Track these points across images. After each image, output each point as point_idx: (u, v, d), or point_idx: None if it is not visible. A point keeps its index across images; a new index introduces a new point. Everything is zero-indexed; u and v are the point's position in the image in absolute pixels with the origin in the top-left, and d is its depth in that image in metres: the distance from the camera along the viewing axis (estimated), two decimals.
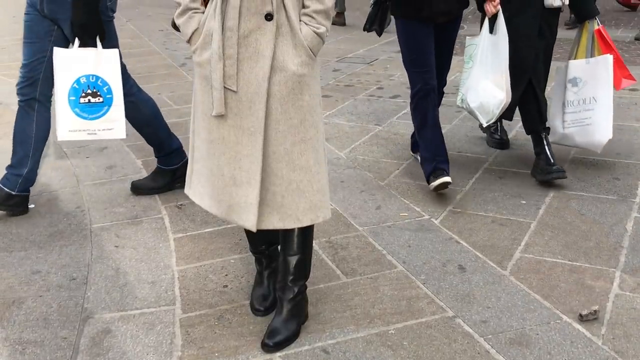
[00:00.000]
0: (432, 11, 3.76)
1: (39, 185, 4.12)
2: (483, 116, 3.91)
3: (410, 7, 3.76)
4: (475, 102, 3.91)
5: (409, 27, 3.85)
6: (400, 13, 3.86)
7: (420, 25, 3.81)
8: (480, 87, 3.87)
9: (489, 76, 3.84)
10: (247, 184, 2.54)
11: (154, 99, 4.15)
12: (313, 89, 2.57)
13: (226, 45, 2.49)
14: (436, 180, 3.81)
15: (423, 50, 3.85)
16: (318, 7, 2.51)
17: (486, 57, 3.86)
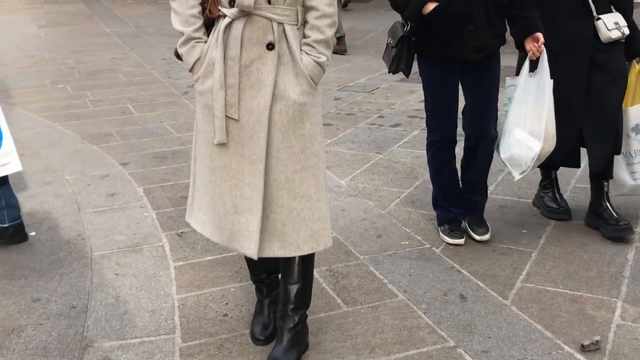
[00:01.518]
0: (462, 47, 3.39)
1: (40, 213, 4.13)
2: (515, 169, 3.51)
3: (437, 43, 3.42)
4: (507, 153, 3.52)
5: (435, 68, 3.54)
6: (424, 51, 3.52)
7: (447, 66, 3.49)
8: (514, 135, 3.48)
9: (526, 123, 3.44)
10: (249, 212, 2.55)
11: (156, 127, 4.16)
12: (314, 118, 2.59)
13: (228, 75, 2.51)
14: (451, 239, 3.69)
15: (447, 96, 3.57)
16: (319, 36, 2.54)
17: (525, 100, 3.47)
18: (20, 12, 12.01)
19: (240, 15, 2.48)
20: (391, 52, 3.61)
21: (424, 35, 3.44)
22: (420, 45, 3.51)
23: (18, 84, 7.26)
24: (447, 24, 3.34)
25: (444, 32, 3.38)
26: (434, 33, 3.40)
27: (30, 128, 5.74)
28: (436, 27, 3.37)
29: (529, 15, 3.41)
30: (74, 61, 8.24)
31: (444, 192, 3.77)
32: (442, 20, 3.34)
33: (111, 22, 10.80)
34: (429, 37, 3.42)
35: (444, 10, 3.32)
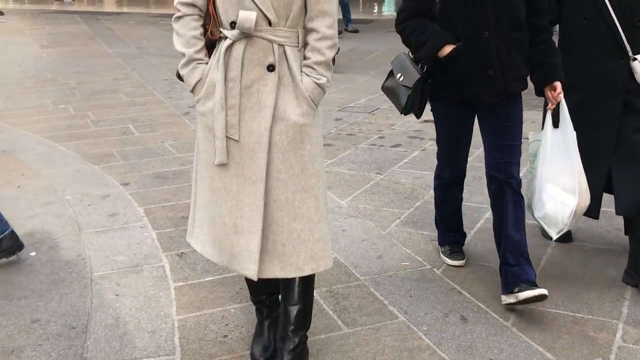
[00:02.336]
0: (479, 91, 3.20)
1: (41, 233, 4.12)
2: (551, 228, 3.27)
3: (453, 86, 3.23)
4: (541, 212, 3.29)
5: (449, 109, 3.36)
6: (439, 93, 3.31)
7: (463, 107, 3.33)
8: (546, 193, 3.26)
9: (557, 178, 3.23)
10: (249, 233, 2.55)
11: (157, 147, 4.17)
12: (314, 139, 2.60)
13: (229, 96, 2.52)
14: (451, 261, 3.67)
15: (460, 136, 3.43)
16: (319, 58, 2.55)
17: (552, 155, 3.26)
18: (22, 33, 12.08)
19: (241, 37, 2.49)
20: (399, 91, 3.37)
21: (439, 77, 3.24)
22: (434, 86, 3.30)
23: (20, 104, 7.29)
24: (464, 69, 3.15)
25: (460, 77, 3.19)
26: (450, 76, 3.20)
27: (31, 148, 5.76)
28: (452, 71, 3.18)
29: (551, 62, 3.22)
30: (76, 82, 8.28)
31: (445, 220, 3.73)
32: (459, 65, 3.14)
33: (113, 43, 10.86)
34: (444, 79, 3.23)
35: (461, 53, 3.12)
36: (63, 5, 15.52)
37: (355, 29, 11.41)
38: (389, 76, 3.47)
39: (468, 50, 3.11)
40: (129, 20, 13.43)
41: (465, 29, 3.12)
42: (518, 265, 3.22)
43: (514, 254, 3.24)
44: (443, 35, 3.14)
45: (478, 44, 3.11)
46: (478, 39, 3.10)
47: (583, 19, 3.42)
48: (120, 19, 13.73)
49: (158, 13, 14.25)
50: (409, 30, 3.24)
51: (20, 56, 9.94)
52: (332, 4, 2.54)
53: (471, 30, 3.11)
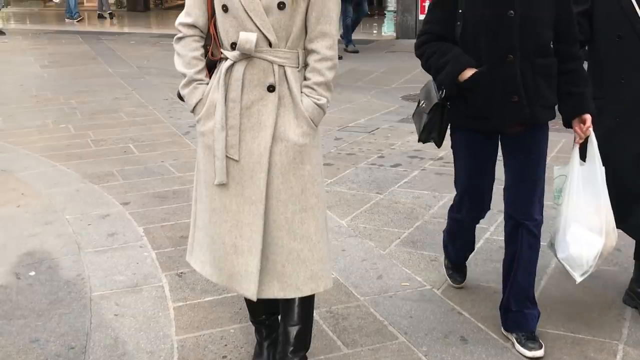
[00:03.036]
0: (503, 120, 2.96)
1: (40, 253, 4.12)
2: (575, 270, 3.05)
3: (474, 114, 2.98)
4: (564, 252, 3.07)
5: (469, 141, 3.09)
6: (460, 121, 3.08)
7: (485, 139, 3.07)
8: (570, 233, 3.04)
9: (583, 217, 3.03)
10: (248, 253, 2.55)
11: (157, 166, 4.18)
12: (314, 159, 2.61)
13: (229, 116, 2.53)
14: (452, 281, 3.66)
15: (482, 175, 3.14)
16: (319, 79, 2.57)
17: (579, 192, 3.05)
18: (23, 52, 12.13)
19: (242, 58, 2.51)
20: (422, 119, 3.17)
21: (460, 103, 3.01)
22: (455, 114, 3.07)
23: (21, 123, 7.31)
24: (487, 95, 2.92)
25: (482, 104, 2.95)
26: (471, 103, 2.97)
27: (32, 167, 5.76)
28: (474, 97, 2.95)
29: (580, 93, 2.99)
30: (77, 101, 8.30)
31: (455, 254, 3.60)
32: (481, 90, 2.92)
33: (114, 63, 10.90)
34: (465, 106, 3.00)
35: (483, 78, 2.90)
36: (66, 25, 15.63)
37: (355, 49, 11.46)
38: (417, 106, 3.31)
39: (491, 75, 2.89)
40: (130, 40, 13.49)
41: (488, 52, 2.90)
42: (520, 311, 3.11)
43: (517, 298, 3.11)
44: (464, 59, 2.93)
45: (502, 69, 2.89)
46: (502, 63, 2.88)
47: (617, 37, 3.21)
48: (121, 39, 13.79)
49: (159, 33, 14.31)
50: (429, 54, 3.04)
51: (21, 76, 9.98)
52: (332, 25, 2.56)
53: (494, 54, 2.89)
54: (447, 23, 2.97)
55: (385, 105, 8.07)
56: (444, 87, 3.04)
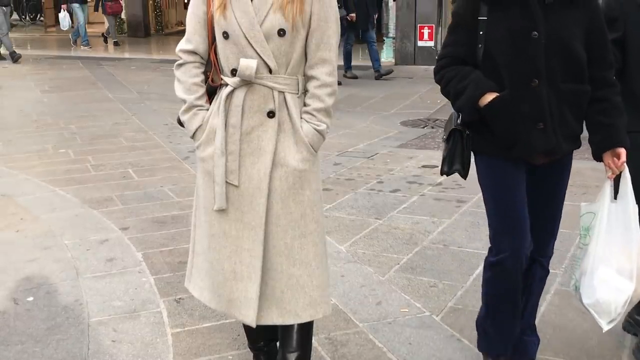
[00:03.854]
0: (528, 148, 2.72)
1: (39, 278, 4.11)
2: (602, 317, 2.80)
3: (499, 141, 2.75)
4: (591, 298, 2.81)
5: (495, 168, 2.82)
6: (483, 149, 2.83)
7: (512, 167, 2.79)
8: (598, 276, 2.78)
9: (612, 260, 2.78)
10: (248, 279, 2.55)
11: (157, 192, 4.18)
12: (314, 184, 2.61)
13: (229, 142, 2.54)
14: None
15: (513, 200, 2.80)
16: (318, 105, 2.58)
17: (608, 232, 2.80)
18: (24, 78, 12.19)
19: (242, 84, 2.53)
20: (446, 151, 2.92)
21: (481, 129, 2.78)
22: (478, 140, 2.83)
23: (20, 148, 7.33)
24: (509, 121, 2.70)
25: (505, 131, 2.72)
26: (493, 130, 2.75)
27: (31, 192, 5.77)
28: (496, 124, 2.73)
29: (613, 124, 2.75)
30: (77, 126, 8.33)
31: (500, 327, 2.98)
32: (503, 116, 2.70)
33: (114, 88, 10.95)
34: (489, 132, 2.77)
35: (505, 103, 2.68)
36: (67, 50, 15.70)
37: (353, 75, 11.53)
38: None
39: (514, 100, 2.67)
40: (131, 66, 13.57)
41: (512, 76, 2.68)
42: (519, 338, 3.00)
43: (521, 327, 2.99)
44: (484, 83, 2.72)
45: (526, 94, 2.67)
46: (526, 88, 2.67)
47: None
48: (121, 64, 13.87)
49: (160, 59, 14.40)
50: (448, 78, 2.82)
51: (21, 101, 10.02)
52: (332, 52, 2.58)
53: (518, 78, 2.68)
54: (467, 46, 2.77)
55: (384, 130, 8.10)
56: (464, 113, 2.83)
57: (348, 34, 11.13)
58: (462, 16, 2.79)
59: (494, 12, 2.69)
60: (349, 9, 10.85)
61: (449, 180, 5.95)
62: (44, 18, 21.35)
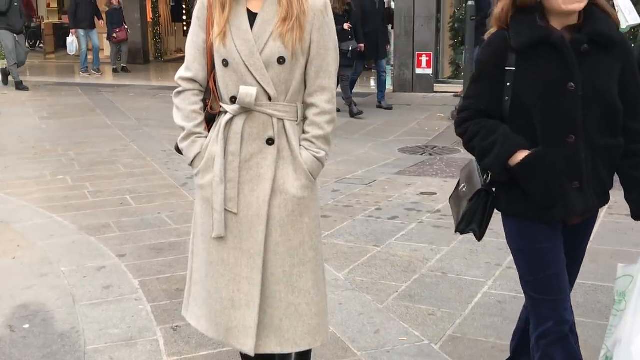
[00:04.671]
0: (564, 210, 2.52)
1: (35, 305, 4.08)
2: None
3: (530, 203, 2.53)
4: None
5: (531, 232, 2.57)
6: (514, 211, 2.60)
7: (548, 229, 2.56)
8: (636, 346, 2.50)
9: None
10: (246, 307, 2.53)
11: (154, 218, 4.17)
12: (313, 212, 2.61)
13: (228, 169, 2.54)
14: None
15: (555, 266, 2.57)
16: (318, 132, 2.59)
17: None
18: (23, 104, 12.21)
19: (241, 111, 2.53)
20: (461, 205, 2.73)
21: (511, 189, 2.56)
22: (508, 201, 2.61)
23: (18, 174, 7.32)
24: (544, 181, 2.49)
25: (539, 191, 2.50)
26: (525, 191, 2.52)
27: (28, 219, 5.75)
28: (529, 184, 2.51)
29: None
30: (75, 152, 8.33)
31: None
32: (537, 176, 2.48)
33: (113, 115, 10.97)
34: (518, 194, 2.54)
35: (539, 162, 2.47)
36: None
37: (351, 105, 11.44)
38: (457, 186, 2.87)
39: (549, 157, 2.47)
40: (130, 93, 13.60)
41: (546, 132, 2.47)
42: None
43: None
44: (514, 139, 2.50)
45: (562, 151, 2.47)
46: (561, 144, 2.46)
47: None
48: (120, 91, 13.91)
49: (159, 85, 14.43)
50: (472, 133, 2.59)
51: (20, 127, 10.03)
52: (331, 79, 2.59)
53: (553, 134, 2.46)
54: (492, 97, 2.55)
55: (382, 157, 8.11)
56: (492, 173, 2.59)
57: (357, 64, 11.01)
58: (486, 65, 2.58)
59: (523, 62, 2.48)
60: (359, 40, 10.63)
61: (447, 207, 5.94)
62: (44, 45, 21.42)
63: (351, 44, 10.33)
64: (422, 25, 12.50)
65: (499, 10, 2.55)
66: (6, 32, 13.22)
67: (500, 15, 2.55)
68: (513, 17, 2.52)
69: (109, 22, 16.15)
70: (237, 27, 2.50)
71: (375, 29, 10.95)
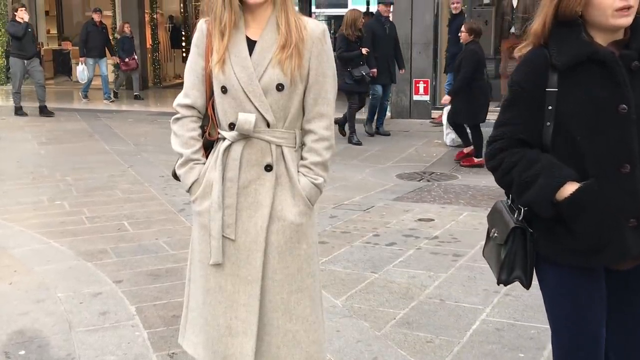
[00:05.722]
0: (620, 253, 2.19)
1: (31, 331, 4.06)
2: None
3: (578, 245, 2.20)
4: None
5: (571, 282, 2.26)
6: (553, 255, 2.27)
7: (591, 278, 2.25)
8: None
9: None
10: (243, 334, 2.52)
11: (151, 244, 4.16)
12: (310, 238, 2.61)
13: (226, 195, 2.54)
14: None
15: (592, 322, 2.27)
16: (316, 159, 2.59)
17: None
18: (22, 129, 12.23)
19: (240, 138, 2.54)
20: (497, 252, 2.37)
21: (556, 229, 2.23)
22: (545, 244, 2.28)
23: (16, 199, 7.31)
24: (596, 219, 2.17)
25: (589, 231, 2.18)
26: (574, 230, 2.19)
27: (25, 244, 5.73)
28: (578, 222, 2.18)
29: None
30: (73, 178, 8.33)
31: None
32: (588, 213, 2.17)
33: (111, 140, 10.99)
34: (562, 233, 2.22)
35: (592, 196, 2.16)
36: (64, 102, 15.75)
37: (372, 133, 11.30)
38: (487, 236, 2.51)
39: (601, 191, 2.16)
40: (128, 118, 13.63)
41: (595, 160, 2.18)
42: None
43: None
44: (561, 169, 2.19)
45: (616, 183, 2.17)
46: (616, 175, 2.17)
47: None
48: (119, 116, 13.94)
49: (157, 111, 14.47)
50: (509, 165, 2.27)
51: (18, 152, 10.04)
52: (330, 106, 2.61)
53: (605, 163, 2.18)
54: (531, 123, 2.25)
55: (380, 183, 8.12)
56: (536, 208, 2.24)
57: (373, 89, 10.92)
58: (524, 87, 2.27)
59: (567, 82, 2.20)
60: (371, 65, 10.56)
61: (445, 234, 5.95)
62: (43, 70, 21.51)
63: (363, 69, 10.35)
64: (420, 53, 12.59)
65: (539, 25, 2.26)
66: (16, 59, 13.32)
67: (539, 30, 2.26)
68: (552, 32, 2.24)
69: (119, 50, 16.19)
70: (236, 54, 2.52)
71: (386, 53, 10.97)
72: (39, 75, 13.50)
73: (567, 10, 2.20)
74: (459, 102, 8.91)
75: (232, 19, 2.50)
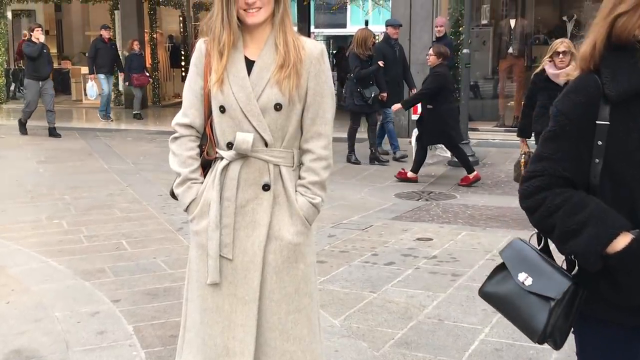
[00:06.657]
0: None
1: (28, 351, 4.03)
2: None
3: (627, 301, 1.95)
4: None
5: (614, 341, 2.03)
6: (595, 310, 2.03)
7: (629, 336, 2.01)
8: None
9: None
10: (241, 355, 2.51)
11: (149, 263, 4.15)
12: (308, 258, 2.60)
13: (223, 215, 2.54)
14: None
15: None
16: (314, 178, 2.59)
17: None
18: (21, 148, 12.24)
19: (238, 157, 2.54)
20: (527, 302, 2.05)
21: (601, 284, 1.99)
22: (591, 300, 2.03)
23: (14, 218, 7.30)
24: None
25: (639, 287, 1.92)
26: (621, 285, 1.93)
27: (23, 263, 5.72)
28: (630, 278, 1.92)
29: None
30: (71, 197, 8.33)
31: None
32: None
33: (110, 159, 11.00)
34: (606, 287, 1.97)
35: None
36: (64, 122, 15.76)
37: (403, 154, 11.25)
38: (495, 276, 2.16)
39: None
40: (127, 137, 13.66)
41: None
42: None
43: None
44: (613, 218, 1.91)
45: None
46: None
47: None
48: (118, 135, 13.97)
49: (156, 130, 14.50)
50: (552, 207, 1.98)
51: (17, 171, 10.04)
52: (327, 125, 2.61)
53: None
54: (576, 160, 1.98)
55: (378, 202, 8.12)
56: (583, 260, 1.96)
57: (384, 112, 10.87)
58: (571, 119, 1.98)
59: (620, 114, 1.92)
60: (382, 88, 10.49)
61: (443, 253, 5.94)
62: None
63: (374, 90, 10.35)
64: (418, 72, 12.61)
65: (588, 47, 1.98)
66: (31, 81, 13.12)
67: (588, 53, 1.98)
68: (605, 56, 1.96)
69: (128, 67, 16.23)
70: (234, 74, 2.53)
71: (397, 75, 10.96)
72: (49, 100, 13.27)
73: (623, 32, 1.92)
74: (426, 124, 9.04)
75: (230, 39, 2.51)
